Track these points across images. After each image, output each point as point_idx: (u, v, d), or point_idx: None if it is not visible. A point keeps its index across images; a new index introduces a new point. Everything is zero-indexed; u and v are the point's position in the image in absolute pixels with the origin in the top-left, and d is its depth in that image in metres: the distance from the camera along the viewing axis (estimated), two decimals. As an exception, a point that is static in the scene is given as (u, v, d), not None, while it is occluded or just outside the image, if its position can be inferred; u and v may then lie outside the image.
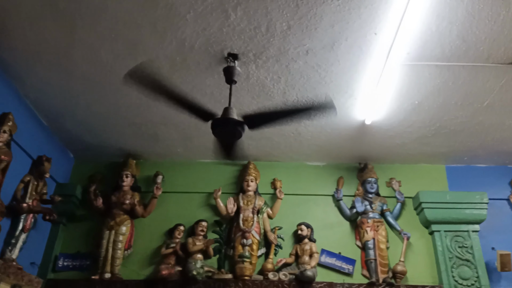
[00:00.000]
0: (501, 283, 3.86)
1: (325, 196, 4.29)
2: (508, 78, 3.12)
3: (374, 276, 3.79)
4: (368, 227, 4.00)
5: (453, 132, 3.83)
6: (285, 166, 4.42)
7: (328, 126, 3.78)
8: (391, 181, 4.33)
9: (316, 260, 3.84)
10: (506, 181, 4.34)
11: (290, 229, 4.09)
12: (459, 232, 3.95)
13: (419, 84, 3.21)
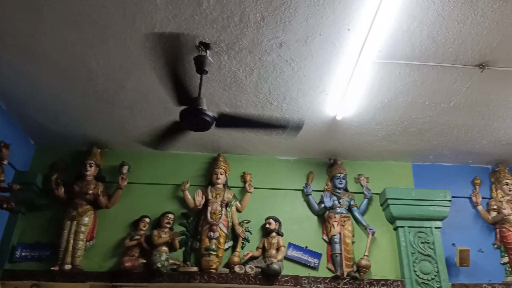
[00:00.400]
0: (460, 278, 4.04)
1: (294, 190, 4.34)
2: (474, 80, 3.24)
3: (339, 269, 3.87)
4: (335, 222, 4.08)
5: (420, 130, 3.95)
6: (255, 160, 4.43)
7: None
8: (359, 177, 4.43)
9: (282, 254, 3.88)
10: (469, 180, 4.53)
11: (259, 223, 4.11)
12: (422, 228, 4.09)
13: (390, 82, 3.28)
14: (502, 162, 4.51)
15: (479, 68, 3.09)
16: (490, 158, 4.45)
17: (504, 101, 3.48)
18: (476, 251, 4.15)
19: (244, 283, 3.69)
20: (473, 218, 4.38)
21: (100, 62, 3.10)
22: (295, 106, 3.58)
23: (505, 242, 4.19)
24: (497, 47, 2.90)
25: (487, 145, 4.19)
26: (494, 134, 4.00)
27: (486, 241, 4.28)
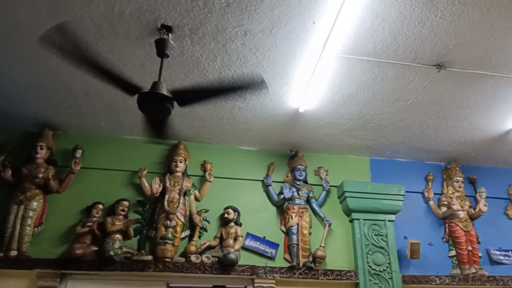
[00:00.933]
0: (410, 270, 4.25)
1: (254, 181, 4.38)
2: (431, 80, 3.38)
3: (295, 260, 3.97)
4: (293, 213, 4.17)
5: (378, 126, 4.09)
6: (216, 149, 4.42)
7: (262, 111, 3.83)
8: (319, 170, 4.53)
9: (240, 244, 3.92)
10: (422, 176, 4.76)
11: (217, 212, 4.12)
12: (376, 221, 4.26)
13: (351, 77, 3.36)
14: (454, 160, 4.77)
15: (436, 68, 3.23)
16: (443, 155, 4.69)
17: (458, 101, 3.67)
18: (426, 244, 4.39)
19: (200, 272, 3.70)
20: (425, 213, 4.61)
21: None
22: (258, 96, 3.59)
23: (453, 236, 4.45)
24: (453, 49, 3.04)
25: (440, 143, 4.41)
26: (447, 133, 4.21)
27: (436, 235, 4.52)
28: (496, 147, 4.48)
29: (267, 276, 3.82)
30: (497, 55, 3.11)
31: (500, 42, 2.97)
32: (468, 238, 4.41)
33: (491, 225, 4.65)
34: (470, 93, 3.55)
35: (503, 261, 4.46)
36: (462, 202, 4.55)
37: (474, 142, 4.39)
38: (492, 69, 3.27)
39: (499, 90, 3.52)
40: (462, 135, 4.25)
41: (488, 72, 3.29)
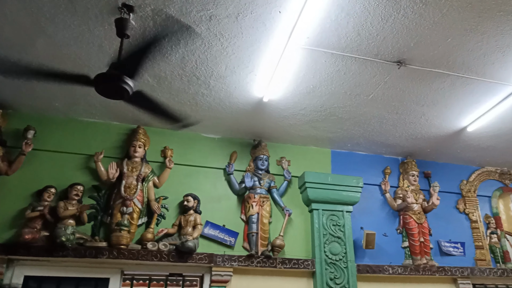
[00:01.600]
0: (365, 259, 4.44)
1: (216, 169, 4.39)
2: (392, 76, 3.50)
3: (254, 248, 4.05)
4: (254, 202, 4.23)
5: (340, 119, 4.20)
6: (178, 135, 4.38)
7: (226, 99, 3.83)
8: (281, 160, 4.61)
9: (199, 232, 3.94)
10: (380, 169, 4.95)
11: (177, 200, 4.11)
12: (334, 212, 4.40)
13: (315, 69, 3.42)
14: (411, 154, 5.00)
15: (397, 65, 3.34)
16: (400, 150, 4.90)
17: (417, 98, 3.83)
18: (381, 235, 4.59)
19: (156, 260, 3.69)
20: (381, 205, 4.82)
21: (7, 16, 2.81)
22: (223, 83, 3.59)
23: (407, 228, 4.68)
24: (414, 47, 3.16)
25: (399, 138, 4.60)
26: (405, 128, 4.39)
27: (390, 226, 4.74)
28: (450, 144, 4.73)
29: (225, 264, 3.88)
30: (454, 55, 3.26)
31: (458, 42, 3.12)
32: (421, 230, 4.66)
33: (443, 218, 4.93)
34: (428, 91, 3.71)
35: (452, 253, 4.75)
36: (416, 196, 4.79)
37: (430, 138, 4.60)
38: (449, 69, 3.42)
39: (455, 90, 3.70)
40: (419, 131, 4.44)
41: (445, 71, 3.45)
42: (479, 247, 4.87)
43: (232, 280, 3.92)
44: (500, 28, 2.96)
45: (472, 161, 5.20)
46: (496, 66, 3.39)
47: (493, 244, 4.94)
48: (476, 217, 5.03)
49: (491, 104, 3.89)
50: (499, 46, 3.16)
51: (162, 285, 3.99)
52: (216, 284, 3.84)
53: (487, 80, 3.55)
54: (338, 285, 4.06)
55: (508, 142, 4.67)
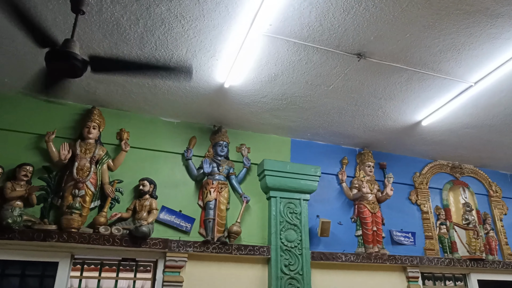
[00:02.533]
0: (319, 247, 4.59)
1: (174, 154, 4.37)
2: (352, 68, 3.60)
3: (210, 234, 4.09)
4: (212, 188, 4.26)
5: (301, 108, 4.28)
6: (135, 118, 4.32)
7: (186, 83, 3.80)
8: (241, 147, 4.65)
9: (154, 217, 3.93)
10: (338, 159, 5.11)
11: (132, 184, 4.07)
12: (292, 200, 4.51)
13: (277, 57, 3.46)
14: (368, 145, 5.18)
15: (357, 57, 3.44)
16: (358, 141, 5.06)
17: (375, 91, 3.96)
18: (336, 224, 4.76)
19: (109, 244, 3.66)
20: (337, 194, 4.98)
21: None
22: (183, 67, 3.55)
23: (361, 217, 4.88)
24: (374, 40, 3.26)
25: (357, 129, 4.75)
26: (363, 120, 4.54)
27: (345, 215, 4.92)
28: (405, 137, 4.94)
29: (180, 250, 3.89)
30: (412, 50, 3.39)
31: (416, 38, 3.25)
32: (374, 219, 4.86)
33: (396, 208, 5.16)
34: (386, 84, 3.85)
35: (403, 242, 4.99)
36: (371, 186, 4.99)
37: (386, 131, 4.79)
38: (407, 64, 3.57)
39: (412, 84, 3.86)
40: (376, 123, 4.61)
41: (403, 66, 3.59)
42: (428, 237, 5.14)
43: (187, 266, 3.96)
44: (456, 26, 3.10)
45: (425, 154, 5.47)
46: (452, 64, 3.56)
47: (442, 234, 5.23)
48: (427, 208, 5.30)
49: (445, 99, 4.10)
50: (454, 44, 3.32)
51: (114, 270, 3.98)
52: (170, 270, 3.86)
53: (442, 76, 3.73)
54: (292, 271, 4.19)
55: (460, 137, 4.94)
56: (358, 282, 4.57)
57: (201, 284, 3.97)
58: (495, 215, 5.66)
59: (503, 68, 3.57)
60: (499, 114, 4.39)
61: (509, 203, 5.87)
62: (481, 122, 4.56)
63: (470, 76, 3.73)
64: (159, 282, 3.85)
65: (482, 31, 3.17)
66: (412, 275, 4.77)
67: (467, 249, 5.21)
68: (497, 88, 3.92)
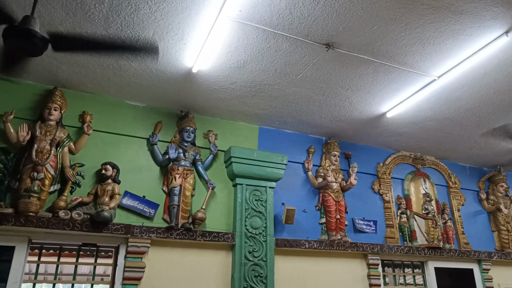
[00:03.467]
0: (283, 234, 4.68)
1: (139, 138, 4.32)
2: (320, 58, 3.66)
3: (175, 220, 4.09)
4: (177, 174, 4.24)
5: (269, 96, 4.31)
6: (99, 100, 4.22)
7: (153, 66, 3.74)
8: (208, 133, 4.64)
9: (116, 202, 3.89)
10: (305, 148, 5.20)
11: (94, 168, 4.01)
12: (258, 187, 4.57)
13: (247, 44, 3.46)
14: (334, 135, 5.29)
15: (326, 47, 3.50)
16: (325, 130, 5.16)
17: (342, 82, 4.04)
18: (301, 211, 4.86)
19: (69, 229, 3.59)
20: (303, 182, 5.08)
21: None
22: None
23: (325, 205, 5.00)
24: (342, 31, 3.32)
25: (324, 119, 4.84)
26: (330, 110, 4.63)
27: (310, 203, 5.03)
28: (370, 128, 5.08)
29: (142, 236, 3.88)
30: (379, 43, 3.48)
31: (383, 31, 3.33)
32: (338, 208, 5.00)
33: (359, 197, 5.32)
34: (353, 75, 3.93)
35: (365, 230, 5.17)
36: (336, 175, 5.12)
37: (352, 121, 4.90)
38: (374, 56, 3.65)
39: (378, 76, 3.96)
40: (343, 113, 4.71)
41: (370, 58, 3.67)
42: (389, 225, 5.35)
43: (150, 252, 3.95)
44: (422, 20, 3.20)
45: (389, 145, 5.65)
46: (416, 57, 3.68)
47: (402, 223, 5.44)
48: (389, 197, 5.50)
49: (410, 92, 4.24)
50: (420, 38, 3.42)
51: (74, 255, 3.92)
52: (133, 256, 3.85)
53: (407, 69, 3.85)
54: (256, 258, 4.27)
55: (422, 130, 5.13)
56: (321, 269, 4.71)
57: (164, 270, 3.99)
58: (453, 206, 5.94)
59: (465, 64, 3.73)
60: (460, 108, 4.58)
61: (467, 194, 6.17)
62: (442, 115, 4.75)
63: (434, 70, 3.86)
64: (120, 268, 3.83)
65: (447, 26, 3.28)
66: (373, 262, 4.96)
67: (426, 237, 5.46)
68: (459, 83, 4.09)
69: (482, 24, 3.25)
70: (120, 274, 3.81)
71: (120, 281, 3.79)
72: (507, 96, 4.33)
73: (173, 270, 4.02)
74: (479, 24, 3.26)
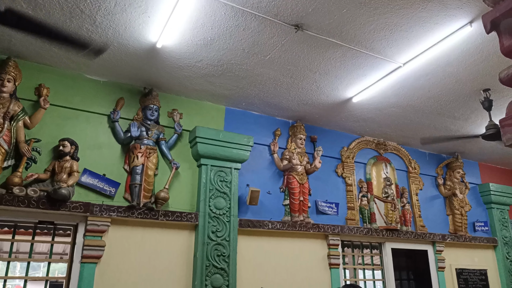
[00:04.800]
0: (247, 215, 4.68)
1: (99, 114, 4.13)
2: (289, 39, 3.58)
3: (136, 200, 3.98)
4: (140, 153, 4.11)
5: (237, 77, 4.21)
6: (57, 73, 3.98)
7: (115, 39, 3.55)
8: (173, 112, 4.50)
9: (74, 179, 3.73)
10: (271, 130, 5.16)
11: (51, 144, 3.81)
12: (223, 168, 4.50)
13: (214, 21, 3.33)
14: (301, 119, 5.28)
15: (295, 28, 3.42)
16: (292, 113, 5.13)
17: (311, 64, 3.99)
18: (265, 193, 4.85)
19: (24, 206, 3.43)
20: (268, 164, 5.06)
21: None
22: (111, 21, 3.30)
23: (290, 188, 5.02)
24: (312, 13, 3.24)
25: (291, 101, 4.79)
26: (298, 93, 4.59)
27: (275, 185, 5.03)
28: (336, 112, 5.09)
29: (102, 214, 3.76)
30: (347, 27, 3.44)
31: (352, 15, 3.29)
32: (302, 190, 5.03)
33: (322, 180, 5.37)
34: (321, 59, 3.89)
35: (327, 212, 5.24)
36: (301, 158, 5.12)
37: (319, 105, 4.89)
38: (342, 40, 3.61)
39: (345, 61, 3.94)
40: (310, 97, 4.68)
41: (338, 42, 3.63)
42: (350, 208, 5.45)
43: (110, 231, 3.85)
44: (390, 6, 3.18)
45: (354, 130, 5.70)
46: (384, 43, 3.67)
47: (363, 206, 5.56)
48: (351, 181, 5.58)
49: (376, 78, 4.25)
50: (387, 24, 3.41)
51: (30, 233, 3.76)
52: (92, 234, 3.73)
53: (374, 55, 3.84)
54: (219, 238, 4.24)
55: (386, 116, 5.20)
56: (283, 249, 4.76)
57: (125, 249, 3.91)
58: (412, 190, 6.12)
59: (430, 52, 3.76)
60: (423, 96, 4.65)
61: (425, 180, 6.36)
62: (406, 102, 4.81)
63: (399, 57, 3.88)
64: (79, 246, 3.72)
65: (414, 13, 3.28)
66: (333, 243, 5.06)
67: (385, 220, 5.60)
68: (423, 71, 4.13)
69: (448, 12, 3.27)
70: (79, 253, 3.71)
71: (79, 259, 3.69)
72: (468, 86, 4.43)
73: (135, 250, 3.95)
74: (445, 13, 3.27)
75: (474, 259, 6.37)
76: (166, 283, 4.01)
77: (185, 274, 4.12)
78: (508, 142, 1.19)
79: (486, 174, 7.11)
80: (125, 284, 3.83)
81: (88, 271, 3.66)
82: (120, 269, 3.84)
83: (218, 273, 4.12)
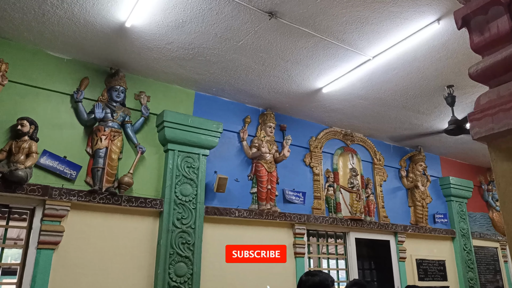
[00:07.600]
0: (214, 202, 4.68)
1: (62, 94, 3.99)
2: (262, 26, 3.59)
3: (98, 184, 3.90)
4: (103, 136, 4.02)
5: (208, 61, 4.18)
6: (17, 47, 3.81)
7: (81, 16, 3.44)
8: (140, 94, 4.42)
9: (33, 161, 3.60)
10: (241, 117, 5.17)
11: (8, 122, 3.65)
12: (191, 154, 4.48)
13: (186, 3, 3.28)
14: (271, 107, 5.32)
15: (268, 16, 3.43)
16: (262, 101, 5.15)
17: (283, 53, 4.02)
18: (233, 180, 4.87)
19: (-24, 188, 3.30)
20: (237, 151, 5.08)
21: None
22: (78, -4, 3.19)
23: (258, 176, 5.06)
24: (286, 1, 3.27)
25: (262, 89, 4.81)
26: (269, 81, 4.61)
27: (243, 172, 5.05)
28: (306, 102, 5.16)
29: (61, 198, 3.67)
30: (321, 17, 3.48)
31: (326, 5, 3.33)
32: (270, 178, 5.09)
33: (290, 169, 5.45)
34: (293, 47, 3.92)
35: (294, 201, 5.33)
36: (270, 146, 5.18)
37: (289, 94, 4.94)
38: (315, 30, 3.66)
39: (317, 51, 3.99)
40: (281, 85, 4.72)
41: (311, 32, 3.68)
42: (317, 197, 5.56)
43: (69, 216, 3.76)
44: (361, -1, 3.25)
45: (322, 121, 5.80)
46: (355, 36, 3.75)
47: (329, 195, 5.69)
48: (318, 171, 5.70)
49: (345, 70, 4.35)
50: (359, 16, 3.48)
51: (-18, 216, 3.62)
52: (50, 219, 3.63)
53: (345, 47, 3.92)
54: (184, 225, 4.24)
55: (354, 108, 5.33)
56: (249, 237, 4.81)
57: (86, 235, 3.83)
58: (376, 181, 6.32)
59: (398, 46, 3.88)
60: (390, 89, 4.80)
61: (389, 171, 6.59)
62: (373, 95, 4.95)
63: (369, 50, 3.98)
64: (36, 231, 3.62)
65: (385, 8, 3.37)
66: (299, 232, 5.17)
67: (349, 210, 5.78)
68: (391, 65, 4.26)
69: (418, 9, 3.38)
70: (35, 238, 3.60)
71: (35, 245, 3.58)
72: (433, 81, 4.61)
73: (95, 236, 3.88)
74: (415, 9, 3.38)
75: (433, 250, 6.69)
76: (128, 272, 3.97)
77: (148, 262, 4.09)
78: (476, 135, 1.26)
79: (446, 168, 7.45)
80: (84, 272, 3.75)
81: (44, 258, 3.56)
82: (79, 256, 3.76)
83: (182, 261, 4.12)
